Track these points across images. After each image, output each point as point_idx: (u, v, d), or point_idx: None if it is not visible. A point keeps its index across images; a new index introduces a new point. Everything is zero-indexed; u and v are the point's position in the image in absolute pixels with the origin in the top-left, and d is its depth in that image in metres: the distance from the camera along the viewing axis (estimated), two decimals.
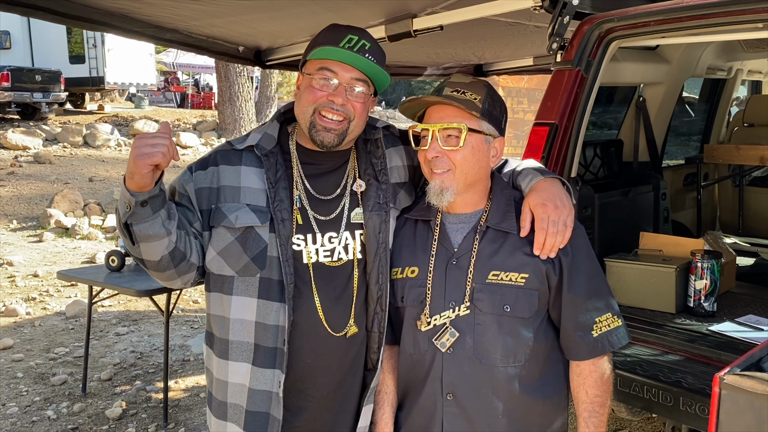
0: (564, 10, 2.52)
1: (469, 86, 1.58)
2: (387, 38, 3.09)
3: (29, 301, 5.99)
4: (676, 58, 3.78)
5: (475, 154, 1.57)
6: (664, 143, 4.11)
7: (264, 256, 1.58)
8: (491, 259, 1.57)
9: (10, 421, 3.81)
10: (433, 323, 1.59)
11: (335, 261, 1.64)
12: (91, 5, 2.70)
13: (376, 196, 1.67)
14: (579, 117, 2.63)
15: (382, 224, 1.66)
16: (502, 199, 1.63)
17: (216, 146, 1.75)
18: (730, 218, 4.56)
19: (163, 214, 1.50)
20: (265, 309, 1.59)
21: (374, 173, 1.69)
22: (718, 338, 2.53)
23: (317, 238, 1.63)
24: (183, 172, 1.68)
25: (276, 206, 1.59)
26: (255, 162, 1.63)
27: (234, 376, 1.62)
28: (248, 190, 1.62)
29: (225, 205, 1.61)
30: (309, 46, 1.66)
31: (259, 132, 1.67)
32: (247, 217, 1.59)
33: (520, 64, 4.68)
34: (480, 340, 1.56)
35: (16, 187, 10.31)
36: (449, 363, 1.57)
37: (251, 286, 1.59)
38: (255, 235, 1.58)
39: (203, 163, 1.67)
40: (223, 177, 1.63)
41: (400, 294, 1.66)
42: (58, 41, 18.14)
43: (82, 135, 13.89)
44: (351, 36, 1.60)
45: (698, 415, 2.16)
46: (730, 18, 2.27)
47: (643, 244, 3.06)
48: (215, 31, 3.33)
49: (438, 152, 1.56)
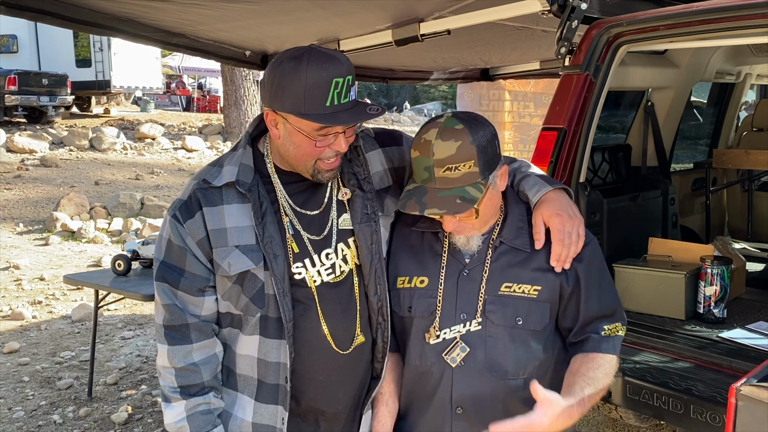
0: (572, 15, 2.51)
1: (458, 153, 1.44)
2: (394, 42, 3.09)
3: (35, 305, 6.00)
4: (685, 62, 3.76)
5: (489, 203, 1.54)
6: (673, 148, 4.09)
7: (262, 295, 1.55)
8: (504, 272, 1.55)
9: (16, 425, 3.81)
10: (442, 337, 1.56)
11: (338, 276, 1.62)
12: (98, 10, 2.71)
13: (363, 206, 1.63)
14: (587, 121, 2.62)
15: (373, 235, 1.63)
16: (516, 213, 1.60)
17: (190, 183, 1.60)
18: (739, 223, 4.53)
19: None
20: (266, 346, 1.57)
21: (358, 182, 1.65)
22: (728, 345, 2.51)
23: (315, 261, 1.59)
24: (171, 225, 1.56)
25: (266, 244, 1.52)
26: (236, 198, 1.54)
27: (239, 409, 1.62)
28: (235, 231, 1.54)
29: (215, 251, 1.54)
30: (286, 93, 1.46)
31: (233, 164, 1.56)
32: (239, 261, 1.53)
33: (527, 68, 4.66)
34: (492, 353, 1.54)
35: (22, 191, 10.34)
36: (459, 377, 1.55)
37: (253, 324, 1.57)
38: (251, 276, 1.54)
39: (187, 209, 1.55)
40: (209, 221, 1.54)
41: (407, 304, 1.63)
42: (64, 45, 18.22)
43: (88, 138, 13.94)
44: (336, 80, 1.44)
45: (709, 423, 2.14)
46: (739, 22, 2.26)
47: (652, 249, 3.04)
48: (222, 35, 3.33)
49: (455, 225, 1.54)
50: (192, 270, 1.56)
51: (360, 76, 4.57)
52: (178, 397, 1.58)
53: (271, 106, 1.51)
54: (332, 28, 3.23)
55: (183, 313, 1.57)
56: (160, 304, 1.58)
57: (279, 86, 1.47)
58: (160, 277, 1.58)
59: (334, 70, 1.45)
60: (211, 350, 1.60)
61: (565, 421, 1.44)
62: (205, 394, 1.59)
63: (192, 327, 1.57)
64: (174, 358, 1.57)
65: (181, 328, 1.57)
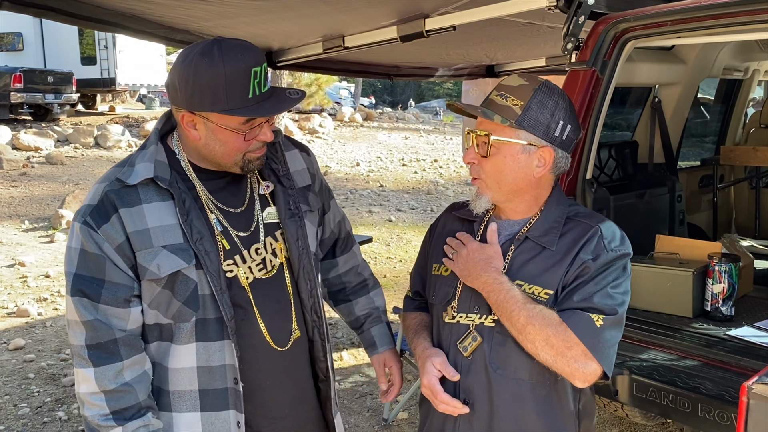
0: (579, 10, 2.49)
1: (515, 90, 1.49)
2: (399, 39, 3.07)
3: (41, 302, 6.02)
4: (692, 58, 3.73)
5: (508, 164, 1.50)
6: (680, 145, 4.06)
7: (196, 296, 1.45)
8: (521, 269, 1.52)
9: (22, 422, 3.82)
10: (458, 319, 1.56)
11: (270, 271, 1.58)
12: (102, 6, 2.70)
13: (286, 202, 1.61)
14: (594, 118, 2.60)
15: (298, 230, 1.60)
16: (553, 213, 1.56)
17: (98, 187, 1.46)
18: (746, 221, 4.51)
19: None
20: (207, 351, 1.48)
21: (278, 179, 1.62)
22: (736, 343, 2.49)
23: (245, 257, 1.54)
24: (83, 232, 1.42)
25: (196, 241, 1.44)
26: (155, 196, 1.45)
27: (184, 427, 1.50)
28: (158, 230, 1.43)
29: (139, 254, 1.42)
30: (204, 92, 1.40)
31: (147, 161, 1.46)
32: (169, 261, 1.42)
33: (533, 65, 4.63)
34: (497, 349, 1.52)
35: (28, 188, 10.37)
36: (467, 368, 1.55)
37: (187, 331, 1.47)
38: (182, 277, 1.44)
39: (100, 213, 1.42)
40: (128, 223, 1.42)
41: (432, 291, 1.64)
42: (69, 43, 18.24)
43: (94, 136, 13.96)
44: (254, 70, 1.40)
45: (717, 421, 2.12)
46: (747, 17, 2.23)
47: (659, 247, 3.02)
48: (226, 32, 3.31)
49: (471, 158, 1.54)
50: (113, 279, 1.43)
51: (365, 72, 4.55)
52: (113, 424, 1.43)
53: (188, 107, 1.43)
54: (337, 25, 3.21)
55: (108, 327, 1.43)
56: (78, 322, 1.43)
57: (195, 86, 1.39)
58: (77, 291, 1.42)
59: (251, 60, 1.41)
60: (141, 367, 1.48)
61: (475, 266, 1.49)
62: (143, 416, 1.45)
63: (120, 342, 1.44)
64: (103, 381, 1.42)
65: (108, 344, 1.43)
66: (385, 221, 9.71)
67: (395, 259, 7.74)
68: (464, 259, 1.53)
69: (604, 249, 1.48)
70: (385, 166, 14.12)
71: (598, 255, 1.47)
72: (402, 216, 10.07)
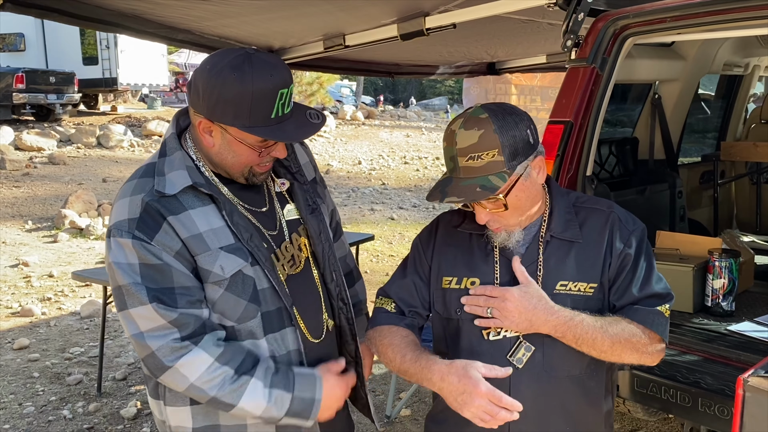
0: (578, 7, 2.50)
1: (480, 141, 1.41)
2: (399, 37, 3.08)
3: (44, 302, 6.04)
4: (692, 54, 3.74)
5: (522, 197, 1.49)
6: (680, 141, 4.07)
7: (256, 292, 1.49)
8: (558, 269, 1.52)
9: (27, 420, 3.84)
10: (503, 334, 1.52)
11: (299, 267, 1.61)
12: (104, 6, 2.71)
13: (304, 198, 1.64)
14: (594, 115, 2.61)
15: (320, 225, 1.64)
16: (563, 205, 1.56)
17: (133, 201, 1.44)
18: (747, 216, 4.51)
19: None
20: (275, 342, 1.52)
21: (292, 176, 1.65)
22: (736, 338, 2.50)
23: (278, 255, 1.57)
24: (136, 247, 1.39)
25: (247, 238, 1.47)
26: (196, 201, 1.46)
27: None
28: (210, 234, 1.45)
29: (199, 258, 1.44)
30: (228, 105, 1.39)
31: (178, 168, 1.46)
32: (230, 262, 1.45)
33: (533, 62, 4.65)
34: (550, 353, 1.50)
35: (31, 188, 10.39)
36: (518, 379, 1.50)
37: (255, 327, 1.50)
38: (242, 276, 1.47)
39: (148, 225, 1.41)
40: (180, 229, 1.42)
41: (455, 306, 1.56)
42: (71, 43, 18.26)
43: (96, 136, 13.98)
44: (281, 92, 1.40)
45: (717, 416, 2.14)
46: (747, 13, 2.24)
47: (660, 242, 3.03)
48: (227, 31, 3.33)
49: (486, 217, 1.50)
50: (183, 284, 1.42)
51: (366, 71, 4.56)
52: (251, 374, 1.45)
53: (208, 116, 1.43)
54: (337, 23, 3.22)
55: (196, 317, 1.43)
56: (160, 326, 1.40)
57: (220, 98, 1.39)
58: (154, 298, 1.39)
59: (279, 81, 1.40)
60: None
61: (536, 314, 1.44)
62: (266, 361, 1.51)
63: (208, 327, 1.45)
64: (210, 347, 1.43)
65: (200, 329, 1.43)
66: (387, 219, 9.72)
67: (397, 256, 7.75)
68: (517, 313, 1.46)
69: (629, 231, 1.55)
70: (387, 164, 14.13)
71: (629, 239, 1.54)
72: (404, 214, 10.08)
